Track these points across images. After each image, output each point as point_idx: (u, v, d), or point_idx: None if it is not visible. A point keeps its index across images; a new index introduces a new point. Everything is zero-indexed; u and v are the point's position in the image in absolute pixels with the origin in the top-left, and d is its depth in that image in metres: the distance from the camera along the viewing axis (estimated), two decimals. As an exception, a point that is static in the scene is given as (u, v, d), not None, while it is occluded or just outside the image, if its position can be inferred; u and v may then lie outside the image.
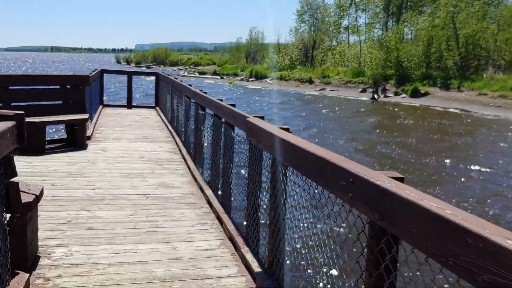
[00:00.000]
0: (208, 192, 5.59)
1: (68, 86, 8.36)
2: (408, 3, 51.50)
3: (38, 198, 3.59)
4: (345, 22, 60.23)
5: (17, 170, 3.14)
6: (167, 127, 10.62)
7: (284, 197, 3.23)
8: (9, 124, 2.79)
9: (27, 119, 7.69)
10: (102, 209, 4.94)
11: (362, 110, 29.04)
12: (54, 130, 12.76)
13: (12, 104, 7.51)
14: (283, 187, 3.23)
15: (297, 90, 42.16)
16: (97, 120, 10.84)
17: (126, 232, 4.32)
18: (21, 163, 6.60)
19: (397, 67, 39.38)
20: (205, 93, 6.82)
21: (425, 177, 12.22)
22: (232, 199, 4.95)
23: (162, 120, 11.78)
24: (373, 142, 17.54)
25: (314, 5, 61.73)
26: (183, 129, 8.86)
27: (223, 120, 5.30)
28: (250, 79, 51.63)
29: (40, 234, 3.92)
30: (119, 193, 5.55)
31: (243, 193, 4.48)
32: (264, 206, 3.83)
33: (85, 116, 8.06)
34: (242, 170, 4.77)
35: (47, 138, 8.18)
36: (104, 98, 14.65)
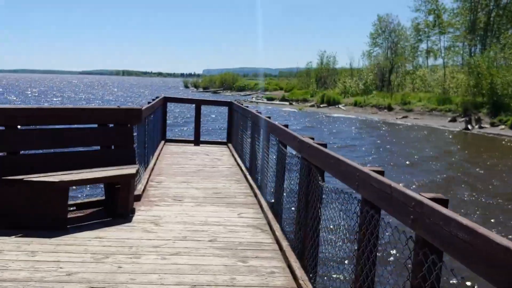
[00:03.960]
0: None
1: (111, 125, 5.73)
2: (495, 25, 46.96)
3: None
4: (422, 46, 56.16)
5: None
6: (245, 177, 7.83)
7: None
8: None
9: (42, 177, 3.78)
10: None
11: (459, 144, 25.15)
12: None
13: (21, 152, 4.98)
14: None
15: (377, 117, 38.37)
16: (155, 164, 8.27)
17: None
18: (20, 256, 4.03)
19: (490, 95, 34.83)
20: (325, 145, 3.96)
21: None
22: None
23: (238, 163, 9.03)
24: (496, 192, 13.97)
25: (388, 28, 58.19)
26: (273, 186, 6.08)
27: (384, 219, 2.41)
28: (321, 105, 48.39)
29: None
30: None
31: None
32: None
33: (132, 170, 5.35)
34: None
35: (77, 201, 5.63)
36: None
